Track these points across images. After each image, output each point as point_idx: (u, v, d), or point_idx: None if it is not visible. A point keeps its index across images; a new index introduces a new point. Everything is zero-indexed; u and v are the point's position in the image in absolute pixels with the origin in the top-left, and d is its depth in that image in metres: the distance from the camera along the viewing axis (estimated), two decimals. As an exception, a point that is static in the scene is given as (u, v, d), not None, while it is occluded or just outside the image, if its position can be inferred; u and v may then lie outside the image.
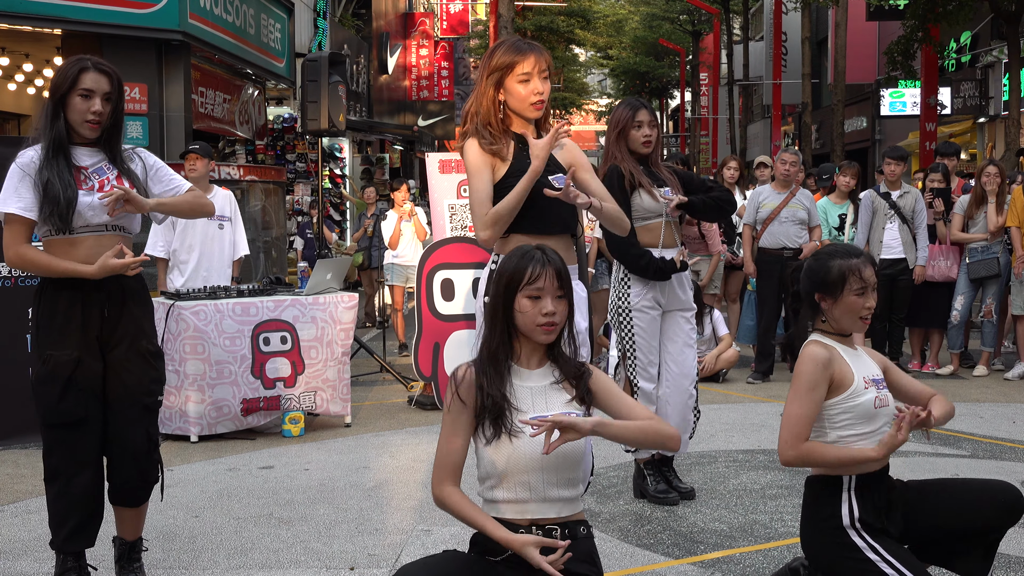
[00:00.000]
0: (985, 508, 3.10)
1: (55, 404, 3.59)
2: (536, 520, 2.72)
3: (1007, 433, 6.33)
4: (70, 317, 3.60)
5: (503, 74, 3.62)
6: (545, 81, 3.64)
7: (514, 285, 2.75)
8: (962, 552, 3.15)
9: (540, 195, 3.57)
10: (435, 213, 7.57)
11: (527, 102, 3.61)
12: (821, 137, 29.44)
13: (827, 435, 3.13)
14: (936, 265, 8.60)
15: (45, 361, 3.60)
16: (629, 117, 4.86)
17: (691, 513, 4.75)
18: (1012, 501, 3.11)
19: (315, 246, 11.99)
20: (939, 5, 15.73)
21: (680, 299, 4.95)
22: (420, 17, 29.32)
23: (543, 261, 2.75)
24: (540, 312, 2.73)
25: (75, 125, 3.60)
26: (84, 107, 3.57)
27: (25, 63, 14.30)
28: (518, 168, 3.63)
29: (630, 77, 48.47)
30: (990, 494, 3.13)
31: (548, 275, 2.74)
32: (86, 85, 3.57)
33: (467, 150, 3.72)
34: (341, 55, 10.11)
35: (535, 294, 2.73)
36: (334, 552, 4.24)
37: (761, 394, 7.84)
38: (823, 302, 3.18)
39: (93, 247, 3.60)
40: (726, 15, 36.24)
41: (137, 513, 3.82)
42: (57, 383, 3.58)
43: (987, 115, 21.57)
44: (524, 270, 2.74)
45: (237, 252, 7.42)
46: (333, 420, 6.91)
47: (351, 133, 20.93)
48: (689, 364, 4.97)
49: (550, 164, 3.69)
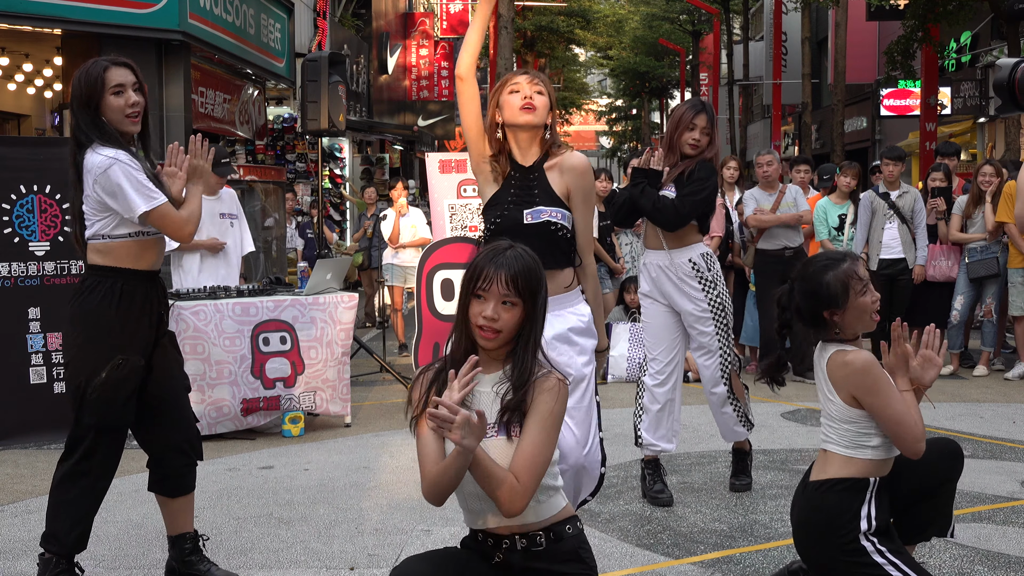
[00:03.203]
0: (935, 461, 3.25)
1: (119, 409, 3.60)
2: (515, 529, 2.63)
3: (1007, 433, 6.32)
4: (143, 316, 3.63)
5: (499, 93, 3.68)
6: (540, 95, 3.63)
7: (469, 283, 2.67)
8: (929, 513, 3.32)
9: (506, 230, 3.52)
10: (435, 213, 7.57)
11: (517, 107, 3.62)
12: (821, 137, 29.43)
13: (872, 439, 3.09)
14: (936, 265, 8.60)
15: (118, 366, 3.56)
16: (689, 119, 4.92)
17: (691, 513, 4.75)
18: (953, 449, 3.35)
19: (315, 246, 11.99)
20: (939, 5, 15.73)
21: (687, 308, 4.94)
22: (420, 17, 29.32)
23: (498, 263, 2.63)
24: (480, 314, 2.63)
25: (117, 124, 3.61)
26: (121, 103, 3.60)
27: (25, 63, 14.29)
28: (497, 198, 3.64)
29: (630, 77, 48.48)
30: (935, 450, 3.26)
31: (497, 279, 2.61)
32: (116, 81, 3.60)
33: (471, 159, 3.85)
34: (341, 55, 10.11)
35: (480, 294, 2.64)
36: (334, 552, 4.24)
37: (761, 394, 7.83)
38: (833, 316, 3.14)
39: (152, 250, 3.69)
40: (726, 15, 36.23)
41: (183, 503, 3.85)
42: (127, 388, 3.59)
43: (987, 115, 21.56)
44: (477, 267, 2.66)
45: (244, 249, 7.52)
46: (333, 420, 6.91)
47: (351, 133, 20.92)
48: (707, 375, 5.04)
49: (542, 195, 3.62)
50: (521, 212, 3.60)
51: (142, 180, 3.55)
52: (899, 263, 8.34)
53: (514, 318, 2.64)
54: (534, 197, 3.62)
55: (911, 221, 8.37)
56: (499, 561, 2.65)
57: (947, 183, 8.83)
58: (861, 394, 3.07)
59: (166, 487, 3.79)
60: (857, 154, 27.26)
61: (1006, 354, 9.01)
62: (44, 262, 6.33)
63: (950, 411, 6.88)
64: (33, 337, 6.27)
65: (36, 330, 6.30)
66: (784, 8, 28.76)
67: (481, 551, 2.69)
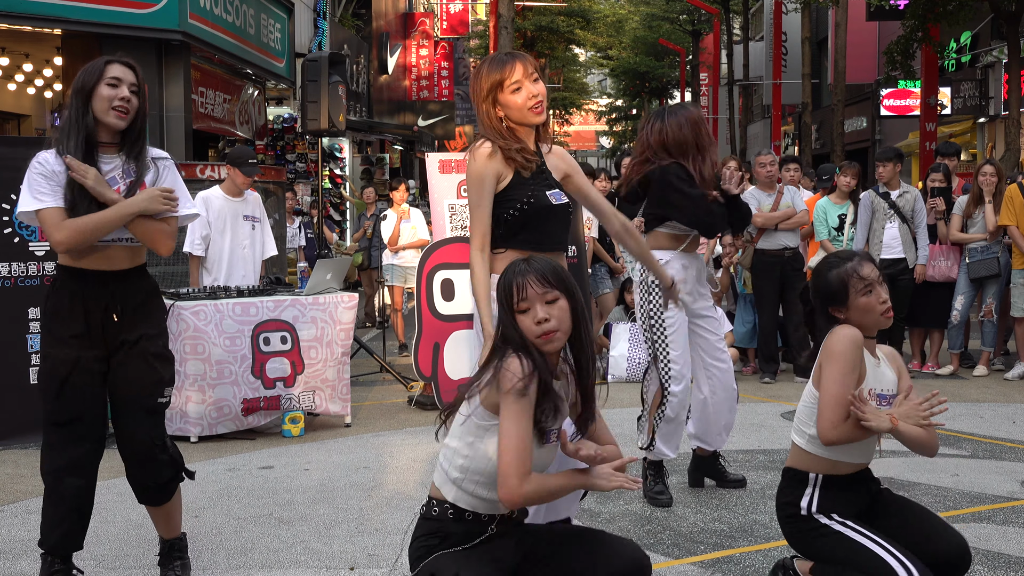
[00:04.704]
0: (941, 546, 3.09)
1: (52, 402, 3.59)
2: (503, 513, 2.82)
3: (1007, 433, 6.33)
4: (72, 315, 3.59)
5: (496, 92, 3.59)
6: (537, 83, 3.62)
7: (509, 303, 2.73)
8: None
9: (534, 212, 3.60)
10: (435, 213, 7.57)
11: (526, 108, 3.59)
12: (821, 137, 29.44)
13: (811, 428, 3.19)
14: (936, 265, 8.60)
15: (44, 359, 3.62)
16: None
17: (691, 513, 4.75)
18: (961, 552, 3.10)
19: (315, 246, 11.99)
20: (939, 5, 15.73)
21: (696, 306, 4.95)
22: (420, 17, 29.34)
23: (522, 272, 2.70)
24: (533, 322, 2.68)
25: (101, 115, 3.55)
26: (112, 94, 3.54)
27: (25, 63, 14.30)
28: (518, 181, 3.64)
29: (630, 77, 48.46)
30: (947, 537, 3.12)
31: (530, 283, 2.68)
32: (113, 74, 3.57)
33: (476, 154, 3.62)
34: (341, 55, 10.11)
35: (523, 308, 2.70)
36: (334, 552, 4.24)
37: (761, 394, 7.84)
38: (838, 313, 3.21)
39: (97, 249, 3.60)
40: (726, 15, 36.25)
41: (163, 512, 3.82)
42: (55, 381, 3.58)
43: (987, 115, 21.57)
44: (507, 284, 2.72)
45: (266, 252, 7.52)
46: (333, 420, 6.91)
47: (351, 133, 20.93)
48: (727, 359, 5.07)
49: (551, 179, 3.73)
50: (545, 194, 3.65)
51: (40, 182, 3.50)
52: (899, 263, 8.34)
53: (564, 312, 2.70)
54: (549, 181, 3.71)
55: (911, 221, 8.37)
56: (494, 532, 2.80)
57: (947, 183, 8.83)
58: (823, 358, 3.16)
59: (135, 492, 3.79)
60: (857, 154, 27.27)
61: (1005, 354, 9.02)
62: (44, 262, 6.33)
63: (950, 411, 6.84)
64: (33, 337, 6.27)
65: (36, 330, 6.29)
66: (784, 8, 28.77)
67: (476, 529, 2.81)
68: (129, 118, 3.60)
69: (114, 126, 3.58)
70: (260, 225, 7.48)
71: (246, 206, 7.34)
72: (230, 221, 7.22)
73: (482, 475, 2.76)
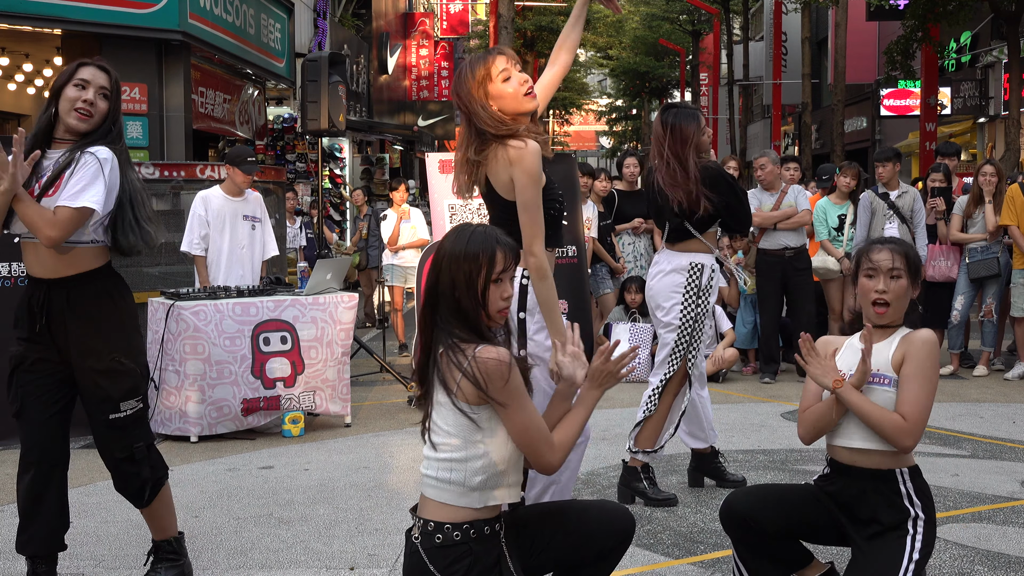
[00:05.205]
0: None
1: (11, 394, 3.62)
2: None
3: (1007, 433, 6.33)
4: (21, 318, 3.63)
5: (485, 86, 3.43)
6: (521, 72, 3.54)
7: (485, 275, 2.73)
8: None
9: (555, 215, 3.52)
10: (435, 213, 7.57)
11: (520, 93, 3.44)
12: (821, 137, 29.44)
13: None
14: (936, 265, 8.60)
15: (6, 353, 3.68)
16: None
17: (691, 513, 4.75)
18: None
19: (315, 246, 12.00)
20: (939, 5, 15.73)
21: None
22: (420, 17, 29.35)
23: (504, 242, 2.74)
24: (501, 297, 2.74)
25: (63, 114, 3.52)
26: (76, 95, 3.50)
27: (25, 63, 14.30)
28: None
29: (630, 77, 48.43)
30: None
31: (510, 254, 2.74)
32: (82, 76, 3.53)
33: (530, 151, 3.38)
34: (341, 55, 10.11)
35: (501, 279, 2.74)
36: (334, 552, 4.24)
37: (761, 394, 7.84)
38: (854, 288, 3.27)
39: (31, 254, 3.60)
40: (726, 15, 36.23)
41: (147, 514, 3.81)
42: (8, 376, 3.62)
43: (987, 115, 21.57)
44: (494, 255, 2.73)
45: (267, 253, 7.53)
46: (333, 420, 6.91)
47: (351, 133, 20.92)
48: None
49: None
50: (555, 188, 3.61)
51: None
52: (899, 263, 8.33)
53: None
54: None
55: (911, 221, 8.37)
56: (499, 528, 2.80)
57: (947, 183, 8.83)
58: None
59: None
60: (857, 154, 27.28)
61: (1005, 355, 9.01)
62: (44, 262, 6.32)
63: (950, 411, 6.88)
64: (33, 337, 6.26)
65: (36, 330, 6.29)
66: (784, 8, 28.76)
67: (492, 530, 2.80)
68: (92, 121, 3.54)
69: (74, 127, 3.53)
70: (261, 225, 7.48)
71: (246, 206, 7.34)
72: (229, 221, 7.23)
73: (500, 464, 2.72)
